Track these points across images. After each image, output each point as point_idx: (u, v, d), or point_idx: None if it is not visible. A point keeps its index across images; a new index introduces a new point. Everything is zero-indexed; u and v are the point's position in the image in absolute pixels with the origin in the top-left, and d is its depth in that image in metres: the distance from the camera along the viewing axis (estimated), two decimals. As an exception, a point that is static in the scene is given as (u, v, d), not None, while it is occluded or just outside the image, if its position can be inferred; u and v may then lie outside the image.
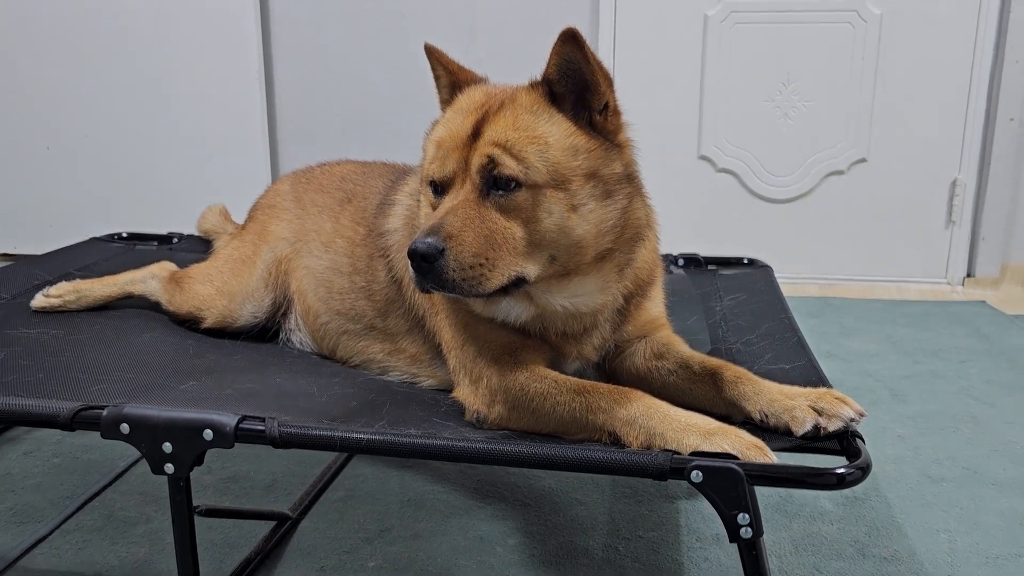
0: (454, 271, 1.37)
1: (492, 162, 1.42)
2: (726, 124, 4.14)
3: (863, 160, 4.09)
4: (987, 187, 4.03)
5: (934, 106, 4.00)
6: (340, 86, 4.36)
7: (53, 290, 2.18)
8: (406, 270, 1.78)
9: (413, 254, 1.37)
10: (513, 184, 1.42)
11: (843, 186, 4.13)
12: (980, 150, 4.03)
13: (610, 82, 1.47)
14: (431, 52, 1.62)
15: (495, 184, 1.43)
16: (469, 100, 1.55)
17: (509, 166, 1.42)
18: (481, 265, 1.38)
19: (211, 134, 4.35)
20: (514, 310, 1.57)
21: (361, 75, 4.33)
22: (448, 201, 1.45)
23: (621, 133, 1.52)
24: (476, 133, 1.46)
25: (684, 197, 4.20)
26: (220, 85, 4.29)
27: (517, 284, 1.44)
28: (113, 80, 4.34)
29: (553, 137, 1.45)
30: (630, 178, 1.53)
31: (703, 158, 4.19)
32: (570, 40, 1.40)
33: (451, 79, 1.61)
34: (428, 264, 1.36)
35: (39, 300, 2.16)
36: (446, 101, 1.62)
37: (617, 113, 1.50)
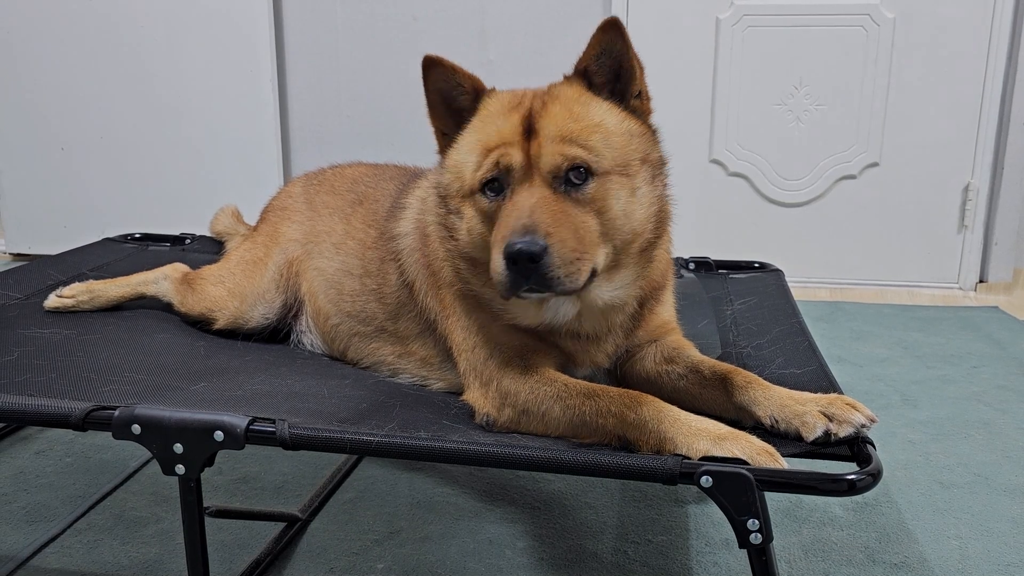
0: (558, 268, 1.33)
1: (563, 155, 1.41)
2: (738, 128, 4.13)
3: (875, 164, 4.08)
4: (1000, 192, 4.01)
5: (947, 110, 3.98)
6: (352, 89, 4.38)
7: (67, 290, 2.19)
8: (417, 274, 1.79)
9: (518, 255, 1.31)
10: (585, 174, 1.42)
11: (855, 190, 4.12)
12: (993, 154, 4.01)
13: (642, 68, 1.51)
14: (443, 63, 1.54)
15: (567, 177, 1.41)
16: (500, 103, 1.52)
17: (580, 157, 1.41)
18: (578, 259, 1.36)
19: (224, 136, 4.37)
20: (562, 308, 1.54)
21: (373, 79, 4.34)
22: (523, 199, 1.39)
23: (650, 117, 1.56)
24: (529, 130, 1.43)
25: (695, 201, 4.19)
26: (233, 88, 4.31)
27: (591, 277, 1.42)
28: (127, 83, 4.36)
29: (610, 123, 1.47)
30: (663, 163, 1.56)
31: (714, 162, 4.18)
32: (612, 28, 1.44)
33: (473, 85, 1.56)
34: (533, 264, 1.31)
35: (52, 300, 2.18)
36: (466, 109, 1.56)
37: (648, 98, 1.55)
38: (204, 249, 2.82)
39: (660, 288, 1.70)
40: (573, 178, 1.41)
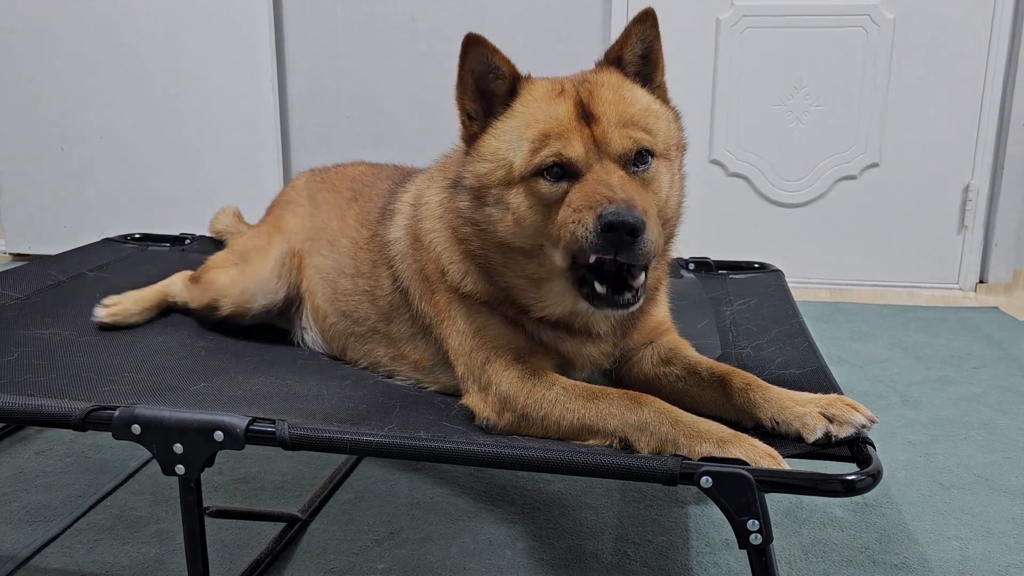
0: (652, 243, 1.34)
1: (632, 138, 1.42)
2: (737, 128, 4.13)
3: (875, 165, 4.08)
4: (1000, 192, 4.01)
5: (947, 111, 3.98)
6: (352, 89, 4.38)
7: (108, 300, 2.14)
8: (411, 280, 1.77)
9: (620, 224, 1.29)
10: (648, 157, 1.45)
11: (855, 191, 4.12)
12: (993, 155, 4.01)
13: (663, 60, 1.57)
14: (486, 43, 1.48)
15: (634, 159, 1.43)
16: (543, 89, 1.50)
17: (645, 140, 1.44)
18: (658, 239, 1.37)
19: (224, 137, 4.37)
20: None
21: (373, 79, 4.34)
22: (604, 177, 1.38)
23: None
24: (586, 115, 1.43)
25: (695, 201, 4.18)
26: (233, 89, 4.31)
27: None
28: (127, 83, 4.36)
29: (656, 108, 1.51)
30: (686, 149, 1.60)
31: (714, 162, 4.18)
32: (649, 18, 1.50)
33: (511, 71, 1.51)
34: (631, 237, 1.30)
35: (102, 314, 2.10)
36: (498, 95, 1.52)
37: (666, 89, 1.59)
38: (204, 249, 2.82)
39: (655, 288, 1.70)
40: (638, 160, 1.44)
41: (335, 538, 1.99)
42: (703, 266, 2.71)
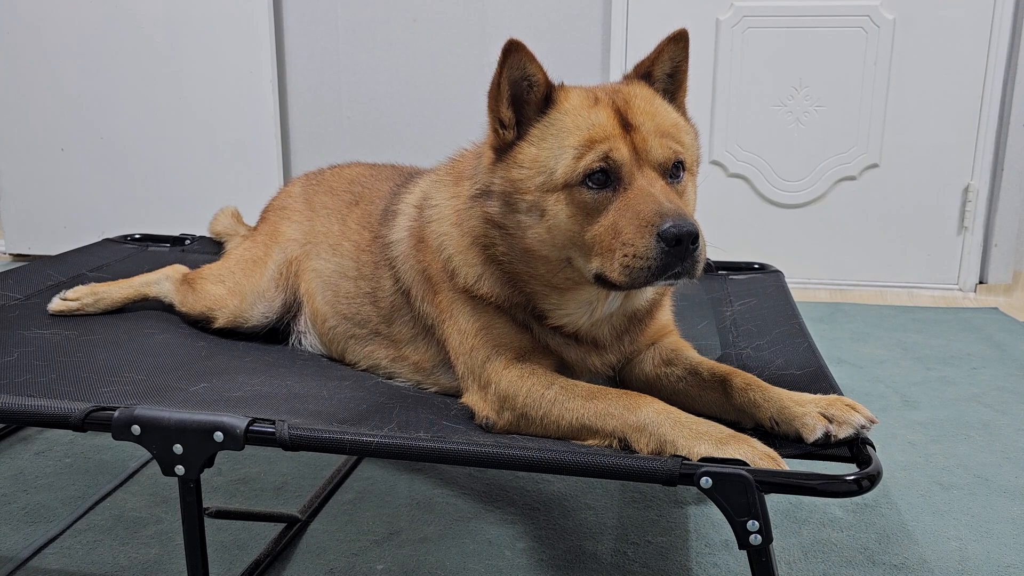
0: (703, 252, 1.38)
1: (671, 148, 1.45)
2: (737, 129, 4.13)
3: (875, 165, 4.08)
4: (1000, 193, 4.01)
5: (947, 112, 3.98)
6: (352, 90, 4.38)
7: (71, 293, 2.19)
8: (413, 280, 1.77)
9: (685, 236, 1.32)
10: (681, 169, 1.48)
11: (855, 191, 4.12)
12: (993, 156, 4.01)
13: None
14: (526, 50, 1.45)
15: (671, 169, 1.45)
16: (580, 97, 1.50)
17: (680, 152, 1.47)
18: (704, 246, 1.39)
19: (224, 137, 4.37)
20: (611, 304, 1.58)
21: (373, 80, 4.34)
22: (650, 187, 1.39)
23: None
24: (624, 124, 1.44)
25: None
26: (234, 89, 4.31)
27: None
28: (127, 83, 4.37)
29: (684, 124, 1.56)
30: (699, 163, 1.65)
31: (714, 163, 4.18)
32: (682, 40, 1.54)
33: (546, 79, 1.50)
34: (694, 246, 1.34)
35: (57, 303, 2.17)
36: (529, 103, 1.50)
37: (686, 108, 1.64)
38: (204, 250, 2.82)
39: (662, 293, 1.71)
40: (674, 171, 1.46)
41: (335, 538, 1.99)
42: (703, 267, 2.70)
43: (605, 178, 1.42)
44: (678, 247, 1.33)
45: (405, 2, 4.22)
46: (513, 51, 1.44)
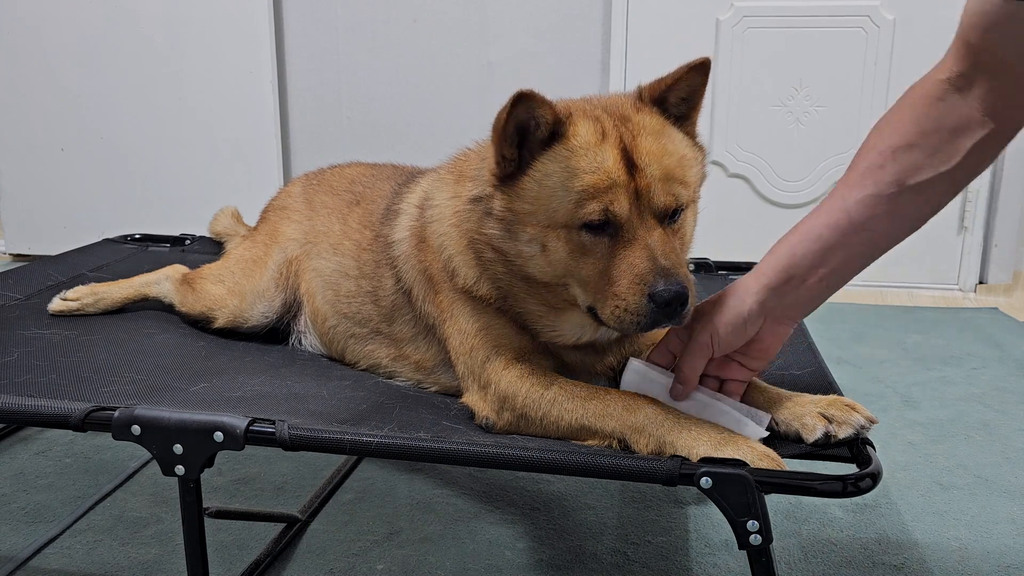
0: (692, 307, 1.41)
1: (673, 195, 1.44)
2: (737, 129, 4.13)
3: (875, 166, 4.07)
4: (1000, 193, 4.01)
5: (947, 112, 3.97)
6: (352, 90, 4.38)
7: (71, 293, 2.19)
8: (414, 280, 1.77)
9: (675, 299, 1.34)
10: (682, 209, 1.48)
11: (855, 191, 4.11)
12: (993, 156, 4.00)
13: None
14: (535, 99, 1.40)
15: (670, 213, 1.45)
16: (587, 132, 1.45)
17: (683, 196, 1.46)
18: (693, 289, 1.41)
19: (224, 137, 4.37)
20: (606, 331, 1.59)
21: (373, 80, 4.34)
22: (646, 239, 1.40)
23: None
24: (629, 164, 1.42)
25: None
26: (234, 89, 4.31)
27: None
28: (128, 83, 4.37)
29: (691, 154, 1.54)
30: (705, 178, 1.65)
31: (714, 163, 4.18)
32: (703, 69, 1.51)
33: (555, 115, 1.45)
34: (682, 308, 1.37)
35: (57, 303, 2.17)
36: (542, 138, 1.46)
37: (697, 126, 1.65)
38: (204, 250, 2.82)
39: None
40: (674, 213, 1.46)
41: (335, 539, 1.99)
42: (703, 267, 2.71)
43: (604, 226, 1.42)
44: (667, 308, 1.35)
45: (405, 2, 4.22)
46: (520, 101, 1.40)
